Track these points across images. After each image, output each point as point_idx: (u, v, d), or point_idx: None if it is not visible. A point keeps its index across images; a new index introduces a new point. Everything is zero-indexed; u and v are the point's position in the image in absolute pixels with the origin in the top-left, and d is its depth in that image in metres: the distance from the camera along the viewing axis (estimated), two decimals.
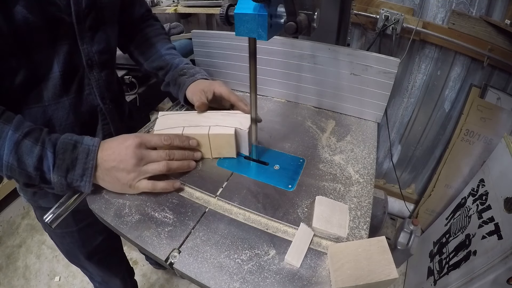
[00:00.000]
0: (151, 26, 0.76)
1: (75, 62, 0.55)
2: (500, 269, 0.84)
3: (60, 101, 0.55)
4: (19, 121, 0.46)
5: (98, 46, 0.58)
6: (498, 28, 1.07)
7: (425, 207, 1.53)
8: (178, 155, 0.54)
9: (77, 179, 0.47)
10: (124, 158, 0.48)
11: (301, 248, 0.42)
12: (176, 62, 0.72)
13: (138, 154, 0.49)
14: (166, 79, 0.72)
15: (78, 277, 1.44)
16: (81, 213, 0.68)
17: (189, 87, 0.67)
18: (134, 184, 0.50)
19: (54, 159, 0.46)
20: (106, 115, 0.64)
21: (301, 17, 0.37)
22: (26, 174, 0.45)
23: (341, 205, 0.49)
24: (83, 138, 0.49)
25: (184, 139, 0.55)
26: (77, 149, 0.47)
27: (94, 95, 0.60)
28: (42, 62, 0.51)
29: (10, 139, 0.44)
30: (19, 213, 1.76)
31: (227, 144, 0.57)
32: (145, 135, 0.53)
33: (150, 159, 0.51)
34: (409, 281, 1.39)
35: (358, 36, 1.33)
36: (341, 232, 0.44)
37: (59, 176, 0.46)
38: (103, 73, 0.61)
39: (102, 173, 0.49)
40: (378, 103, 0.71)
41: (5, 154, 0.44)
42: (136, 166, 0.49)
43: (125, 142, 0.50)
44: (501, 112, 1.24)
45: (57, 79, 0.53)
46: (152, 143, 0.52)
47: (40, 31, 0.47)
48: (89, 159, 0.47)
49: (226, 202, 0.50)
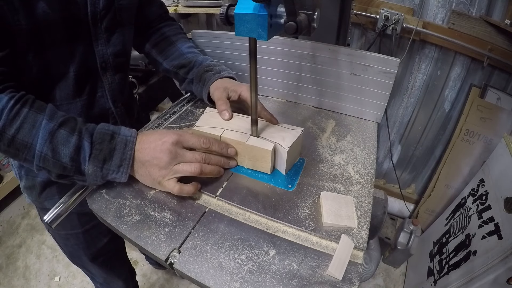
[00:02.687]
0: (169, 25, 0.74)
1: (89, 63, 0.54)
2: (500, 269, 0.84)
3: (73, 102, 0.55)
4: (53, 110, 0.45)
5: (113, 48, 0.57)
6: (498, 28, 1.07)
7: (425, 207, 1.53)
8: (214, 160, 0.52)
9: (114, 170, 0.47)
10: (159, 154, 0.47)
11: (343, 261, 0.42)
12: (200, 59, 0.70)
13: (173, 151, 0.48)
14: (189, 76, 0.69)
15: (78, 277, 1.44)
16: (87, 215, 0.68)
17: (214, 83, 0.64)
18: (163, 182, 0.49)
19: (91, 149, 0.45)
20: (116, 118, 0.63)
21: (301, 17, 0.37)
22: (61, 164, 0.44)
23: (346, 198, 0.50)
24: (120, 128, 0.48)
25: (223, 147, 0.53)
26: (115, 139, 0.47)
27: (106, 98, 0.60)
28: (57, 61, 0.50)
29: (45, 129, 0.43)
30: (19, 213, 1.76)
31: (263, 158, 0.53)
32: (185, 134, 0.51)
33: (185, 159, 0.49)
34: (409, 281, 1.39)
35: (358, 36, 1.33)
36: (351, 223, 0.46)
37: (95, 166, 0.45)
38: (116, 76, 0.60)
39: (137, 165, 0.48)
40: (378, 103, 0.71)
41: (38, 144, 0.43)
42: (168, 163, 0.48)
43: (163, 138, 0.48)
44: (501, 112, 1.24)
45: (70, 80, 0.52)
46: (190, 143, 0.51)
47: (58, 29, 0.47)
48: (127, 149, 0.47)
49: (226, 202, 0.50)
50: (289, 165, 0.55)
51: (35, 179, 0.63)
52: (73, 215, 0.68)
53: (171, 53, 0.71)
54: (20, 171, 0.63)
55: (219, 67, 0.68)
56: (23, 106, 0.43)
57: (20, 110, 0.42)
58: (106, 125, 0.48)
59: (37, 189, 0.64)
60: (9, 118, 0.41)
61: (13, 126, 0.42)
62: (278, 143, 0.52)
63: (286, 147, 0.51)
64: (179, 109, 0.74)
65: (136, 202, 0.50)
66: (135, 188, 0.52)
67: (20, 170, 0.63)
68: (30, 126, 0.42)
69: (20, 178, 0.65)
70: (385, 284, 1.42)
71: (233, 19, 0.40)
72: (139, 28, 0.68)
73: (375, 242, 1.38)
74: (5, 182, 1.67)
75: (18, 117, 0.42)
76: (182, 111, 0.73)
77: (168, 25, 0.74)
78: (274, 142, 0.52)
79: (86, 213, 0.55)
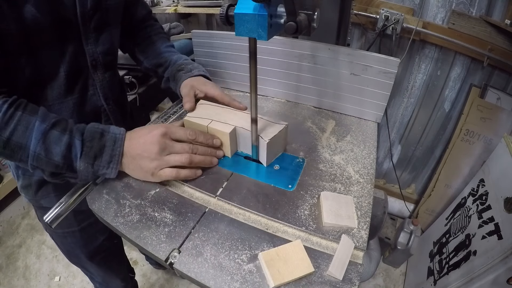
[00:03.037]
0: (151, 26, 0.77)
1: (80, 62, 0.56)
2: (500, 269, 0.84)
3: (64, 101, 0.56)
4: (45, 113, 0.47)
5: (102, 47, 0.58)
6: (498, 28, 1.07)
7: (425, 207, 1.53)
8: (201, 151, 0.55)
9: (104, 166, 0.48)
10: (149, 146, 0.49)
11: (343, 261, 0.42)
12: (174, 58, 0.73)
13: (162, 143, 0.50)
14: (165, 75, 0.73)
15: (78, 277, 1.44)
16: (83, 213, 0.69)
17: (183, 82, 0.67)
18: (157, 172, 0.51)
19: (82, 146, 0.47)
20: (109, 116, 0.64)
21: (301, 17, 0.37)
22: (54, 163, 0.46)
23: (346, 197, 0.50)
24: (109, 127, 0.51)
25: (208, 137, 0.56)
26: (105, 137, 0.49)
27: (98, 96, 0.61)
28: (48, 62, 0.51)
29: (38, 130, 0.45)
30: (19, 213, 1.76)
31: (225, 142, 0.57)
32: (172, 126, 0.54)
33: (174, 150, 0.52)
34: (409, 281, 1.39)
35: (358, 36, 1.33)
36: (351, 223, 0.46)
37: (86, 163, 0.47)
38: (107, 74, 0.61)
39: (127, 160, 0.50)
40: (378, 103, 0.71)
41: (32, 144, 0.45)
42: (158, 154, 0.50)
43: (151, 131, 0.51)
44: (501, 112, 1.24)
45: (61, 79, 0.53)
46: (177, 135, 0.53)
47: (48, 30, 0.48)
48: (116, 146, 0.49)
49: (226, 202, 0.50)
50: (271, 157, 0.58)
51: (31, 178, 0.64)
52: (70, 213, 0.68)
53: (151, 52, 0.75)
54: (17, 171, 0.64)
55: (190, 65, 0.71)
56: (17, 110, 0.44)
57: (14, 114, 0.44)
58: (96, 124, 0.50)
59: (33, 187, 0.65)
60: (4, 121, 0.43)
61: (8, 128, 0.43)
62: (260, 135, 0.55)
63: (267, 139, 0.54)
64: (179, 109, 0.75)
65: (136, 202, 0.50)
66: (135, 188, 0.53)
67: (17, 170, 0.64)
68: (24, 128, 0.44)
69: (17, 178, 0.66)
70: (385, 284, 1.42)
71: (233, 19, 0.40)
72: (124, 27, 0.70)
73: (375, 242, 1.38)
74: (5, 182, 1.67)
75: (12, 120, 0.44)
76: (182, 111, 0.74)
77: (150, 25, 0.77)
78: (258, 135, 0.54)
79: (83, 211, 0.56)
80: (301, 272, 0.40)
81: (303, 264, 0.41)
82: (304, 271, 0.40)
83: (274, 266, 0.40)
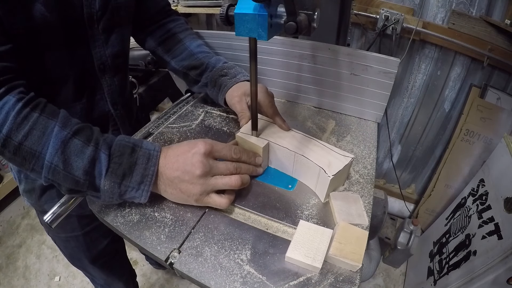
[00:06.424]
0: (174, 21, 0.71)
1: (87, 66, 0.53)
2: (500, 269, 0.84)
3: (72, 106, 0.53)
4: (66, 117, 0.41)
5: (112, 49, 0.55)
6: (498, 28, 1.07)
7: (425, 207, 1.53)
8: (244, 170, 0.49)
9: (133, 188, 0.42)
10: (190, 168, 0.43)
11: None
12: (212, 62, 0.67)
13: (205, 164, 0.43)
14: (203, 80, 0.67)
15: (78, 277, 1.44)
16: (87, 218, 0.67)
17: (230, 90, 0.62)
18: (202, 199, 0.45)
19: (108, 162, 0.40)
20: (116, 121, 0.62)
21: (301, 17, 0.37)
22: (73, 178, 0.39)
23: (353, 196, 0.51)
24: (142, 141, 0.44)
25: (251, 155, 0.51)
26: (136, 153, 0.42)
27: (105, 101, 0.58)
28: (55, 65, 0.49)
29: (57, 137, 0.38)
30: (19, 213, 1.76)
31: None
32: (216, 143, 0.47)
33: (218, 171, 0.45)
34: (409, 281, 1.39)
35: (358, 36, 1.33)
36: (363, 221, 0.47)
37: (112, 182, 0.40)
38: (115, 78, 0.58)
39: (164, 183, 0.44)
40: (378, 103, 0.71)
41: (48, 154, 0.38)
42: (202, 178, 0.43)
43: (192, 149, 0.44)
44: (501, 112, 1.24)
45: (69, 83, 0.51)
46: (222, 154, 0.47)
47: (56, 32, 0.46)
48: (150, 165, 0.42)
49: None
50: (330, 192, 0.50)
51: (35, 182, 0.62)
52: (73, 217, 0.68)
53: (179, 52, 0.69)
54: (19, 174, 0.62)
55: (233, 70, 0.65)
56: (33, 110, 0.39)
57: (29, 114, 0.38)
58: (126, 137, 0.44)
59: (36, 192, 0.63)
60: (17, 122, 0.37)
61: (21, 131, 0.37)
62: (322, 167, 0.48)
63: (331, 174, 0.47)
64: (179, 109, 0.74)
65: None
66: None
67: (19, 174, 0.62)
68: (40, 133, 0.38)
69: (20, 182, 0.63)
70: (385, 284, 1.42)
71: (233, 19, 0.40)
72: (141, 22, 0.66)
73: (375, 242, 1.38)
74: (5, 182, 1.67)
75: (27, 122, 0.38)
76: (182, 111, 0.73)
77: (173, 20, 0.71)
78: (319, 166, 0.48)
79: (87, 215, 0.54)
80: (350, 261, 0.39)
81: (356, 255, 0.40)
82: (353, 261, 0.39)
83: (340, 241, 0.41)
